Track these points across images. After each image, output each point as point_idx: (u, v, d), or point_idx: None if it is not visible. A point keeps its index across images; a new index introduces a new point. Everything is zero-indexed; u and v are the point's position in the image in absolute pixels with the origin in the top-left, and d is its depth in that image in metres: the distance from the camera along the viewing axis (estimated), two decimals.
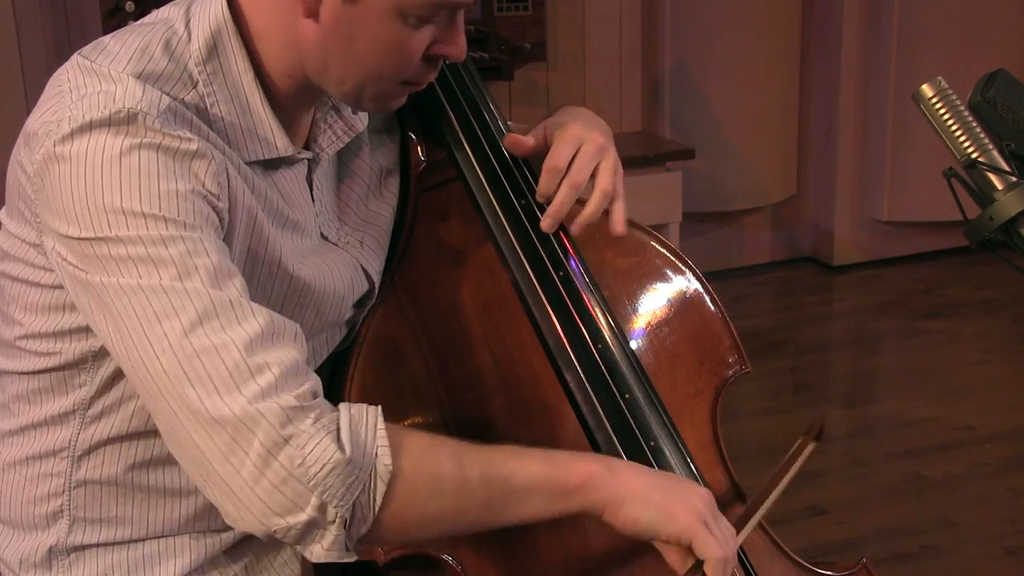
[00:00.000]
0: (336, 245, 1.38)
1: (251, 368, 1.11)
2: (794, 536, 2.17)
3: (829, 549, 2.98)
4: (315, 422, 1.11)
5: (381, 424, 1.15)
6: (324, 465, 1.10)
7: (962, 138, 1.23)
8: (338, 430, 1.12)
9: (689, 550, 1.22)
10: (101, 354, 1.26)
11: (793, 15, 4.75)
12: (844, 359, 4.41)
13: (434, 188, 1.48)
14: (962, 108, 1.24)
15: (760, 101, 4.73)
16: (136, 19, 3.39)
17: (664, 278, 1.56)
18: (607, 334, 1.39)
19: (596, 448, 1.36)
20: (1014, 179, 1.22)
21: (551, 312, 1.38)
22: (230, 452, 1.10)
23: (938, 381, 3.98)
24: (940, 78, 1.25)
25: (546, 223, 1.38)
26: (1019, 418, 3.71)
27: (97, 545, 1.34)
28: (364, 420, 1.15)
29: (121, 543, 1.35)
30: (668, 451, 1.38)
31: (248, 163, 1.25)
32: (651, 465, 1.36)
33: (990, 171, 1.23)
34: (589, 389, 1.36)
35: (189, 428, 1.11)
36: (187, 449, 1.13)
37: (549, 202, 1.38)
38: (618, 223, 1.40)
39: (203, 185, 1.16)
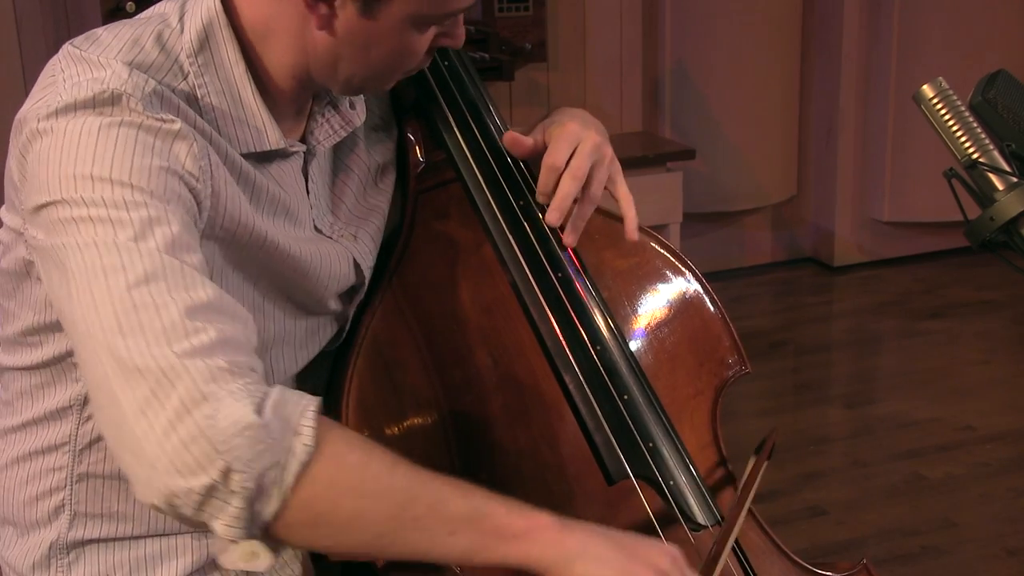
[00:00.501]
0: (330, 238, 1.38)
1: (187, 329, 1.06)
2: (794, 536, 2.17)
3: (829, 550, 2.98)
4: (243, 386, 1.05)
5: (315, 409, 1.08)
6: (235, 423, 1.03)
7: (963, 138, 1.23)
8: (264, 399, 1.06)
9: None
10: None
11: (793, 15, 4.75)
12: (844, 359, 4.41)
13: (433, 189, 1.48)
14: (963, 108, 1.23)
15: (760, 101, 4.73)
16: None
17: (664, 279, 1.56)
18: (606, 335, 1.39)
19: (595, 450, 1.36)
20: (1015, 179, 1.22)
21: (549, 313, 1.38)
22: (147, 405, 1.04)
23: (938, 381, 3.98)
24: (941, 78, 1.25)
25: (553, 216, 1.37)
26: (1019, 418, 3.71)
27: (98, 541, 1.34)
28: (296, 399, 1.09)
29: (122, 539, 1.35)
30: (666, 452, 1.38)
31: (240, 154, 1.26)
32: (650, 467, 1.36)
33: (991, 171, 1.23)
34: (587, 390, 1.36)
35: (113, 382, 1.06)
36: (107, 410, 1.08)
37: (548, 201, 1.38)
38: (631, 230, 1.41)
39: (182, 166, 1.16)
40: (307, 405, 1.09)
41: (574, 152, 1.37)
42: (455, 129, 1.44)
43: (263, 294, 1.31)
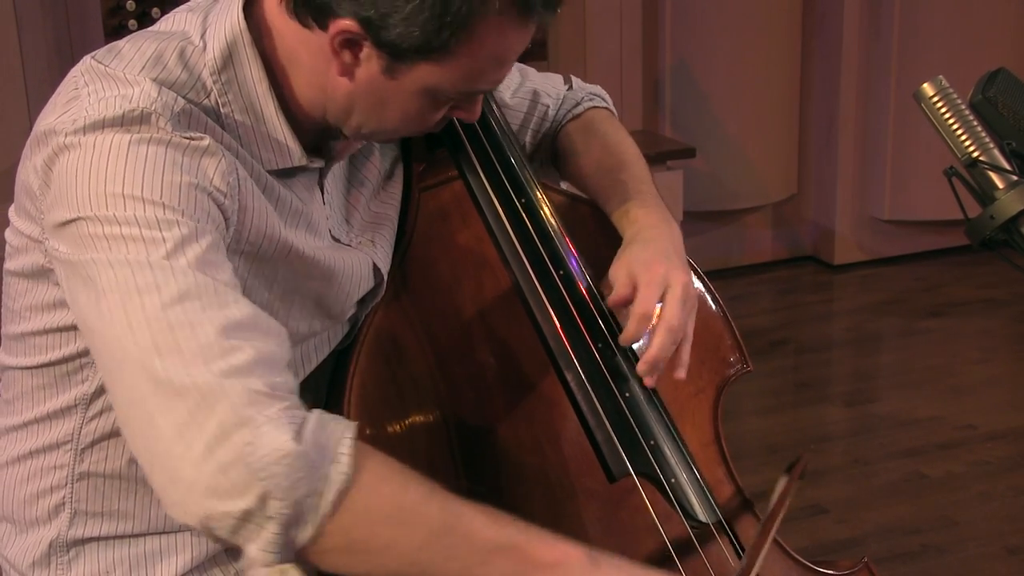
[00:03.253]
0: (349, 246, 1.38)
1: (224, 347, 1.07)
2: (795, 535, 2.17)
3: (830, 548, 2.98)
4: (282, 411, 1.06)
5: (351, 434, 1.09)
6: (274, 451, 1.03)
7: (963, 137, 1.23)
8: (303, 424, 1.06)
9: None
10: None
11: (794, 14, 4.75)
12: (845, 358, 4.40)
13: (435, 187, 1.48)
14: (963, 107, 1.24)
15: (761, 100, 4.72)
16: (137, 17, 3.41)
17: None
18: (607, 333, 1.39)
19: (596, 448, 1.37)
20: (1015, 178, 1.22)
21: (551, 311, 1.38)
22: (185, 427, 1.04)
23: (939, 380, 3.97)
24: (941, 77, 1.25)
25: (649, 379, 1.36)
26: (1020, 417, 3.71)
27: (98, 539, 1.34)
28: (334, 425, 1.09)
29: (122, 537, 1.35)
30: (668, 450, 1.38)
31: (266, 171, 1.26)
32: (652, 464, 1.36)
33: (991, 170, 1.23)
34: (589, 388, 1.36)
35: (150, 402, 1.06)
36: (141, 428, 1.08)
37: (631, 343, 1.37)
38: (681, 368, 1.37)
39: (211, 182, 1.16)
40: (344, 431, 1.09)
41: (664, 297, 1.35)
42: (457, 126, 1.44)
43: (288, 307, 1.31)
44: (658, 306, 1.35)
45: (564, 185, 1.59)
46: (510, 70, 1.26)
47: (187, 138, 1.16)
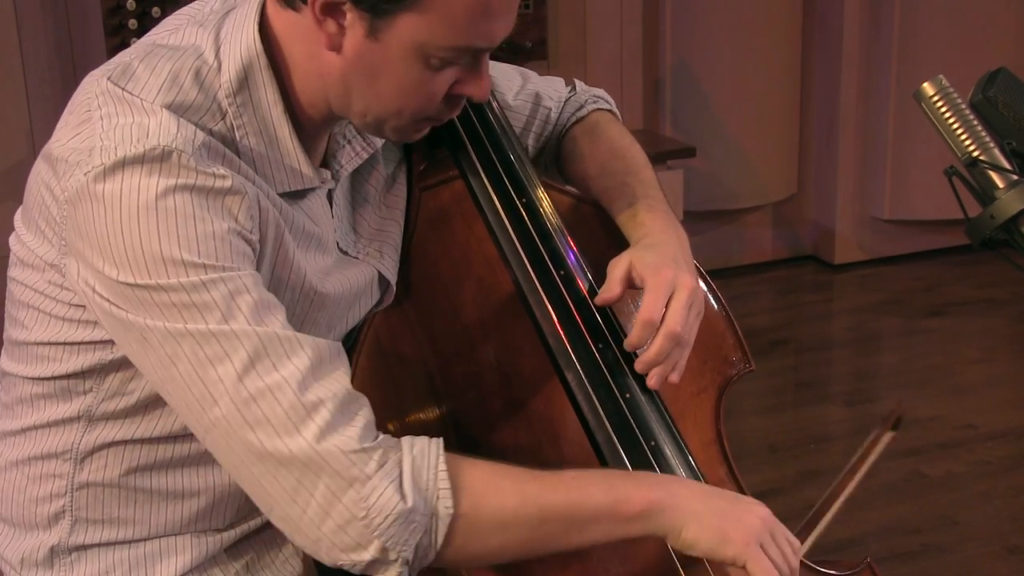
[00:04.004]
0: (356, 259, 1.38)
1: (306, 407, 1.13)
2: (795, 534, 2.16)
3: (830, 548, 2.96)
4: (379, 467, 1.14)
5: (443, 464, 1.18)
6: (387, 516, 1.14)
7: (963, 136, 1.23)
8: (400, 476, 1.15)
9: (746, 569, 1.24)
10: (111, 366, 1.27)
11: (794, 13, 4.74)
12: (845, 357, 4.40)
13: (435, 186, 1.48)
14: (963, 106, 1.24)
15: (761, 99, 4.72)
16: (137, 17, 3.40)
17: None
18: (608, 334, 1.39)
19: (596, 448, 1.36)
20: (1015, 177, 1.22)
21: (552, 311, 1.38)
22: (296, 493, 1.13)
23: (939, 380, 3.97)
24: (941, 76, 1.25)
25: (652, 381, 1.36)
26: (1020, 417, 3.70)
27: (99, 545, 1.34)
28: (426, 462, 1.17)
29: (123, 543, 1.35)
30: (668, 450, 1.38)
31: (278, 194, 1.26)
32: (652, 465, 1.36)
33: (991, 169, 1.23)
34: (589, 388, 1.36)
35: (255, 471, 1.14)
36: (253, 487, 1.16)
37: (635, 349, 1.37)
38: (676, 373, 1.38)
39: (237, 220, 1.17)
40: (436, 464, 1.18)
41: (669, 303, 1.35)
42: (458, 125, 1.44)
43: (299, 326, 1.31)
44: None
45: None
46: (504, 26, 1.21)
47: (211, 175, 1.15)
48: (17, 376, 1.33)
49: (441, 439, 1.20)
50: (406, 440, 1.18)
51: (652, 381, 1.36)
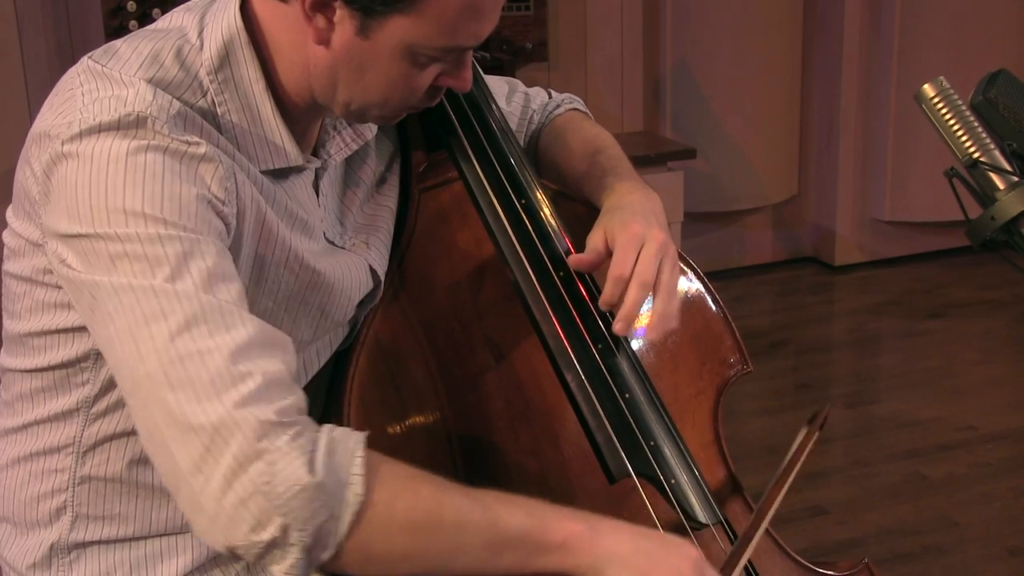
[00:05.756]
0: (343, 248, 1.38)
1: (233, 376, 1.09)
2: (795, 536, 2.17)
3: (830, 549, 2.98)
4: (292, 440, 1.08)
5: (361, 451, 1.12)
6: (291, 486, 1.07)
7: (964, 138, 1.23)
8: (314, 451, 1.09)
9: None
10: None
11: (794, 15, 4.75)
12: (845, 359, 4.40)
13: (435, 188, 1.48)
14: (964, 108, 1.24)
15: (761, 101, 4.72)
16: (138, 18, 3.40)
17: None
18: (607, 334, 1.39)
19: (596, 448, 1.36)
20: (1016, 179, 1.22)
21: (551, 312, 1.38)
22: (202, 461, 1.08)
23: (939, 381, 3.97)
24: (942, 78, 1.25)
25: (619, 326, 1.34)
26: (1021, 418, 3.71)
27: (99, 542, 1.34)
28: (343, 445, 1.11)
29: (123, 540, 1.35)
30: (668, 451, 1.38)
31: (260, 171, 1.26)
32: (652, 465, 1.36)
33: (992, 171, 1.23)
34: (589, 389, 1.36)
35: (166, 433, 1.09)
36: (162, 455, 1.11)
37: (612, 310, 1.36)
38: (670, 319, 1.36)
39: (209, 190, 1.16)
40: (355, 449, 1.12)
41: (639, 254, 1.34)
42: (457, 127, 1.44)
43: (292, 316, 1.31)
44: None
45: None
46: (490, 25, 1.22)
47: (184, 142, 1.15)
48: (16, 371, 1.33)
49: (365, 434, 1.14)
50: (328, 426, 1.13)
51: (618, 326, 1.34)
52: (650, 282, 1.33)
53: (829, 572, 1.53)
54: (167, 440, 1.09)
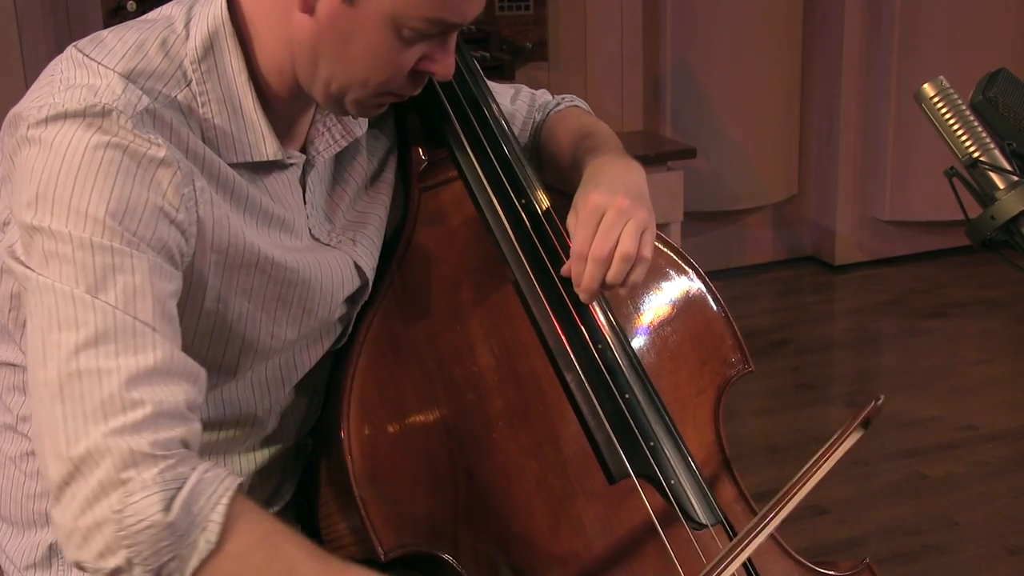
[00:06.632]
0: (328, 245, 1.37)
1: (124, 402, 1.08)
2: (796, 536, 2.17)
3: (831, 548, 2.97)
4: (159, 474, 1.07)
5: (228, 498, 1.10)
6: (141, 521, 1.06)
7: (964, 137, 1.23)
8: (178, 490, 1.08)
9: None
10: None
11: (794, 14, 4.75)
12: (845, 358, 4.40)
13: (435, 187, 1.47)
14: (964, 107, 1.23)
15: (761, 100, 4.72)
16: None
17: (666, 277, 1.56)
18: (607, 334, 1.39)
19: (596, 448, 1.36)
20: (1016, 178, 1.22)
21: (551, 312, 1.38)
22: (71, 479, 1.08)
23: (940, 381, 3.97)
24: (942, 77, 1.25)
25: (583, 297, 1.36)
26: (1021, 418, 3.70)
27: None
28: (211, 488, 1.10)
29: None
30: (668, 451, 1.38)
31: (235, 164, 1.25)
32: (651, 466, 1.36)
33: (992, 170, 1.23)
34: (589, 389, 1.36)
35: (46, 443, 1.10)
36: (40, 458, 1.12)
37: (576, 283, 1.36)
38: (627, 287, 1.36)
39: (163, 196, 1.15)
40: (221, 495, 1.10)
41: (598, 226, 1.34)
42: (457, 127, 1.44)
43: (271, 315, 1.30)
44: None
45: None
46: (477, 6, 1.22)
47: (146, 141, 1.15)
48: (3, 364, 1.33)
49: (239, 480, 1.12)
50: (207, 465, 1.11)
51: (582, 296, 1.35)
52: (604, 256, 1.33)
53: (830, 572, 1.53)
54: (46, 449, 1.10)
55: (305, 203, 1.35)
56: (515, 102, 1.61)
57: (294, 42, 1.23)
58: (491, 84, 1.59)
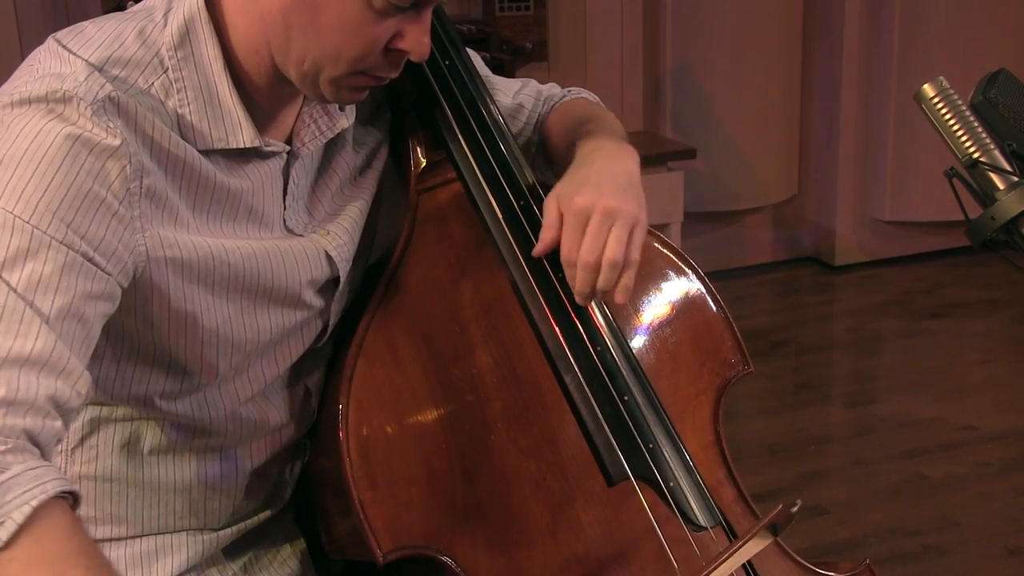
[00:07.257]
0: (300, 236, 1.36)
1: None
2: (796, 536, 2.17)
3: (831, 549, 2.98)
4: None
5: (37, 503, 1.01)
6: None
7: (964, 138, 1.23)
8: None
9: None
10: None
11: (794, 15, 4.75)
12: (845, 359, 4.41)
13: (433, 189, 1.47)
14: (964, 108, 1.23)
15: (762, 101, 4.73)
16: None
17: (666, 278, 1.56)
18: (606, 336, 1.39)
19: (595, 450, 1.36)
20: (1016, 179, 1.21)
21: (549, 314, 1.37)
22: None
23: (939, 381, 3.98)
24: (942, 78, 1.24)
25: (579, 300, 1.36)
26: (1021, 418, 3.71)
27: (95, 542, 1.34)
28: (27, 487, 1.02)
29: (118, 540, 1.35)
30: (667, 453, 1.38)
31: (210, 152, 1.24)
32: (650, 468, 1.36)
33: (992, 171, 1.22)
34: (588, 391, 1.36)
35: None
36: None
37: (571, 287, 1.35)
38: (619, 293, 1.34)
39: (108, 188, 1.15)
40: (32, 499, 1.02)
41: (586, 230, 1.32)
42: (455, 128, 1.44)
43: (237, 306, 1.29)
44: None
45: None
46: None
47: (103, 128, 1.14)
48: None
49: (67, 489, 1.04)
50: (44, 467, 1.04)
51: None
52: (593, 263, 1.32)
53: (830, 573, 1.52)
54: None
55: (285, 194, 1.34)
56: (520, 96, 1.59)
57: (265, 16, 1.22)
58: (499, 79, 1.58)
